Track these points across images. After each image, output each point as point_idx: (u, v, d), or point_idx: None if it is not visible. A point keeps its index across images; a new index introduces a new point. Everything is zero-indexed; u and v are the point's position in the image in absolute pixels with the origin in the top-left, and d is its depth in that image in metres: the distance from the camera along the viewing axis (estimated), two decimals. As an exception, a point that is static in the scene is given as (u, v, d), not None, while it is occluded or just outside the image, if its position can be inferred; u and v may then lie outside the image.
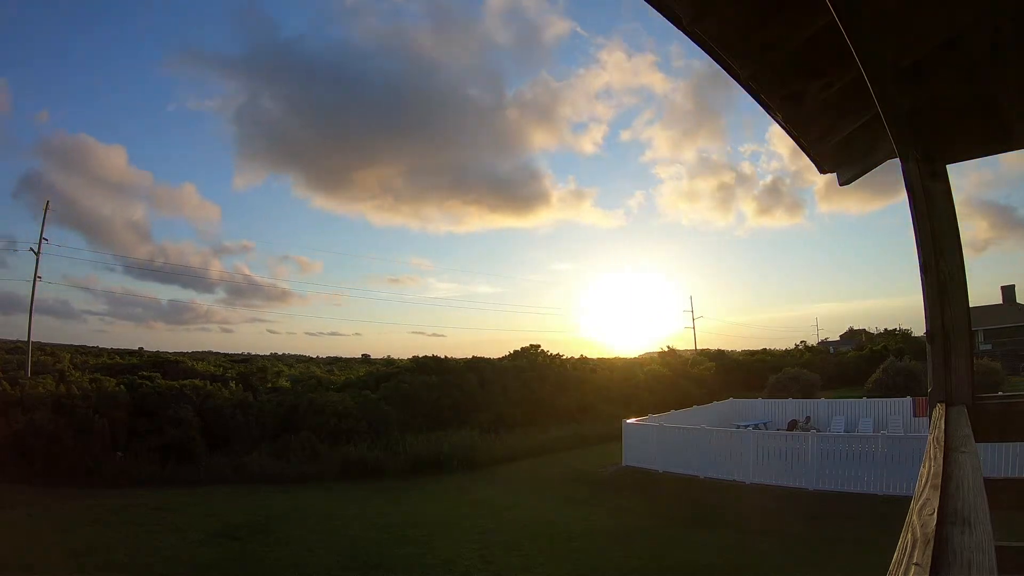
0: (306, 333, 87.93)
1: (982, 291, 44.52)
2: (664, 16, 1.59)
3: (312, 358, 55.03)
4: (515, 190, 76.36)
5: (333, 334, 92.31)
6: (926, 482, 1.15)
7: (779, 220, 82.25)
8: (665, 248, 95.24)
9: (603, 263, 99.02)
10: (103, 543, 9.82)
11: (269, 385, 24.48)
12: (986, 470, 1.35)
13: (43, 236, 29.12)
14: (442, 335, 71.92)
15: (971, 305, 2.13)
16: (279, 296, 76.99)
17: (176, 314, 69.66)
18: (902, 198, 2.15)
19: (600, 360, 36.10)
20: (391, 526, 11.01)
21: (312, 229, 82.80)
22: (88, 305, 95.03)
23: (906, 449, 11.33)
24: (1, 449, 14.56)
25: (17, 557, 8.98)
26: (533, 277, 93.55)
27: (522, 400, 23.82)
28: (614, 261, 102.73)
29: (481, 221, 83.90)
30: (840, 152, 2.60)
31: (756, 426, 16.97)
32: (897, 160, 2.15)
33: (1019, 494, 1.99)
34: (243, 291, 74.76)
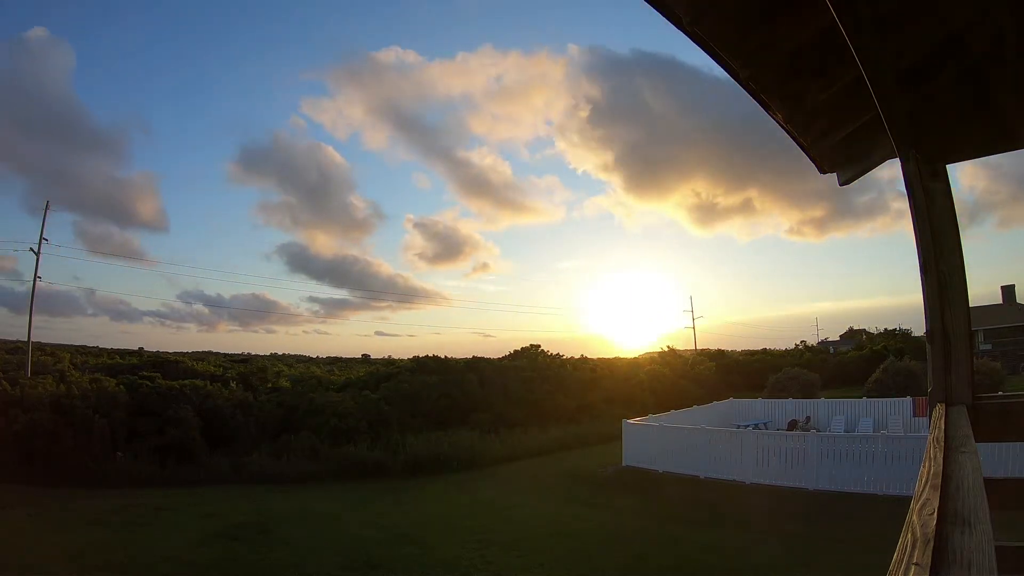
0: (357, 334, 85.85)
1: (982, 291, 44.46)
2: (664, 16, 1.59)
3: (312, 358, 55.02)
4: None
5: (379, 333, 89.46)
6: (926, 482, 1.15)
7: (780, 219, 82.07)
8: (665, 248, 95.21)
9: (603, 262, 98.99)
10: (103, 543, 9.82)
11: (269, 385, 24.49)
12: (986, 470, 1.35)
13: (43, 236, 29.13)
14: (492, 335, 71.97)
15: (971, 305, 2.13)
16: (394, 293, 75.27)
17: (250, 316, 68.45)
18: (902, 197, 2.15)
19: (600, 360, 36.15)
20: (391, 526, 11.01)
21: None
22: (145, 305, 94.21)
23: (906, 449, 11.32)
24: (1, 449, 14.56)
25: (17, 557, 8.98)
26: (535, 276, 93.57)
27: (522, 400, 23.81)
28: (615, 260, 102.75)
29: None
30: (840, 152, 2.60)
31: (756, 426, 16.96)
32: (897, 160, 2.15)
33: (1019, 494, 1.99)
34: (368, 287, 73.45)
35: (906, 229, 2.21)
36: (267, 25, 72.68)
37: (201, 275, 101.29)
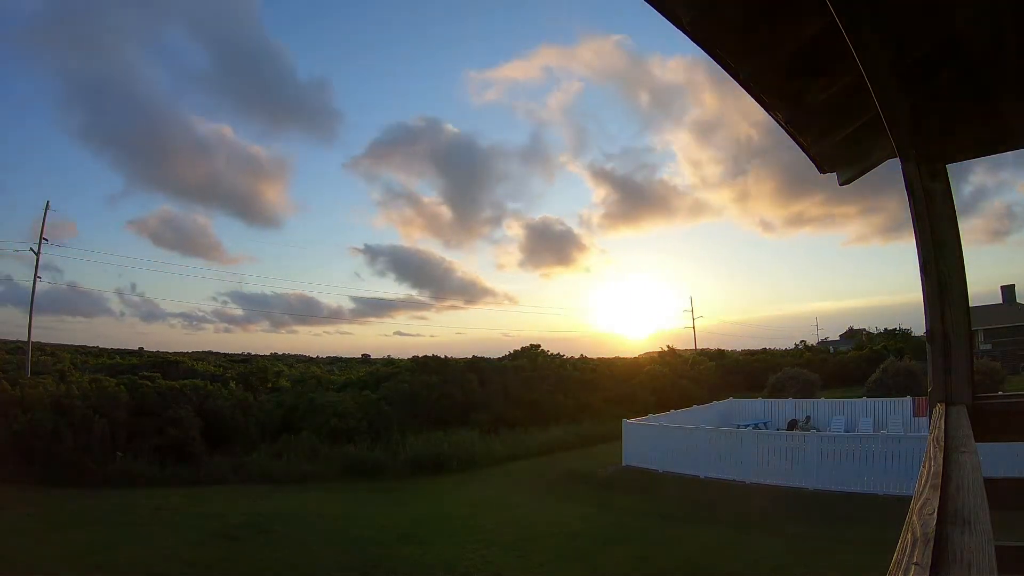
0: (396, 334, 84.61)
1: (982, 291, 44.46)
2: (664, 16, 1.58)
3: (312, 358, 55.04)
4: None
5: (398, 334, 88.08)
6: (926, 482, 1.15)
7: (780, 219, 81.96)
8: (665, 247, 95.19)
9: (603, 261, 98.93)
10: (103, 543, 9.82)
11: (269, 385, 24.49)
12: (986, 470, 1.35)
13: (43, 236, 29.15)
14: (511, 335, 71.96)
15: (971, 305, 2.13)
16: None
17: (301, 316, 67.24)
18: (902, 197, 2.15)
19: (600, 360, 36.15)
20: (391, 526, 11.01)
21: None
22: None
23: (906, 449, 11.32)
24: (1, 449, 14.56)
25: (17, 557, 8.98)
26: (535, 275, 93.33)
27: (522, 400, 23.80)
28: (614, 259, 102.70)
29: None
30: (840, 152, 2.60)
31: (756, 426, 16.97)
32: (897, 160, 2.15)
33: (1019, 494, 1.99)
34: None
35: (906, 229, 2.21)
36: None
37: (257, 275, 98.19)
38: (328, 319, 66.22)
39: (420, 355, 26.77)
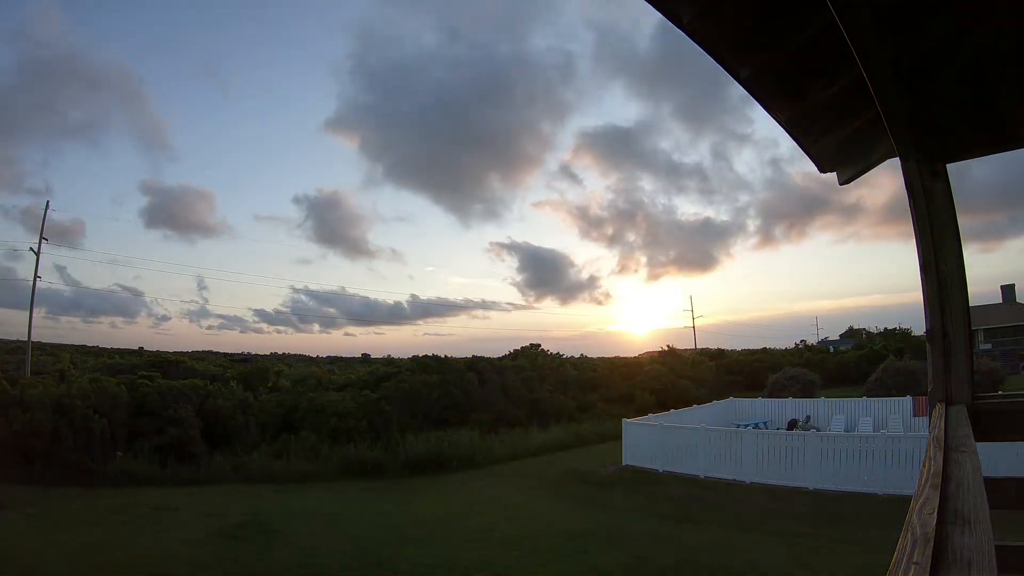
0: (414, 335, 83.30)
1: (982, 291, 44.48)
2: (664, 15, 1.59)
3: (312, 358, 55.07)
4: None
5: (427, 334, 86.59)
6: (926, 482, 1.15)
7: (779, 218, 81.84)
8: (665, 245, 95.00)
9: (603, 259, 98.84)
10: (103, 543, 9.81)
11: (269, 385, 24.45)
12: (986, 470, 1.35)
13: (43, 236, 29.15)
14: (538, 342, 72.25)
15: (971, 305, 2.13)
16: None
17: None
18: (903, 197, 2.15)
19: (600, 360, 36.19)
20: (391, 526, 11.01)
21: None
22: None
23: (906, 449, 11.33)
24: (1, 449, 14.56)
25: (17, 557, 8.98)
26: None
27: (522, 400, 23.81)
28: (615, 257, 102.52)
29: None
30: (840, 152, 2.60)
31: (756, 426, 16.97)
32: (897, 160, 2.15)
33: (1019, 494, 1.99)
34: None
35: (906, 228, 2.21)
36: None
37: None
38: (383, 320, 65.81)
39: (420, 355, 26.80)
